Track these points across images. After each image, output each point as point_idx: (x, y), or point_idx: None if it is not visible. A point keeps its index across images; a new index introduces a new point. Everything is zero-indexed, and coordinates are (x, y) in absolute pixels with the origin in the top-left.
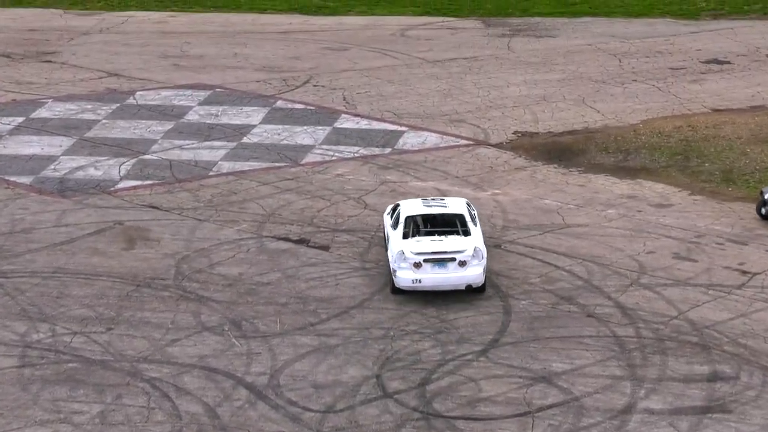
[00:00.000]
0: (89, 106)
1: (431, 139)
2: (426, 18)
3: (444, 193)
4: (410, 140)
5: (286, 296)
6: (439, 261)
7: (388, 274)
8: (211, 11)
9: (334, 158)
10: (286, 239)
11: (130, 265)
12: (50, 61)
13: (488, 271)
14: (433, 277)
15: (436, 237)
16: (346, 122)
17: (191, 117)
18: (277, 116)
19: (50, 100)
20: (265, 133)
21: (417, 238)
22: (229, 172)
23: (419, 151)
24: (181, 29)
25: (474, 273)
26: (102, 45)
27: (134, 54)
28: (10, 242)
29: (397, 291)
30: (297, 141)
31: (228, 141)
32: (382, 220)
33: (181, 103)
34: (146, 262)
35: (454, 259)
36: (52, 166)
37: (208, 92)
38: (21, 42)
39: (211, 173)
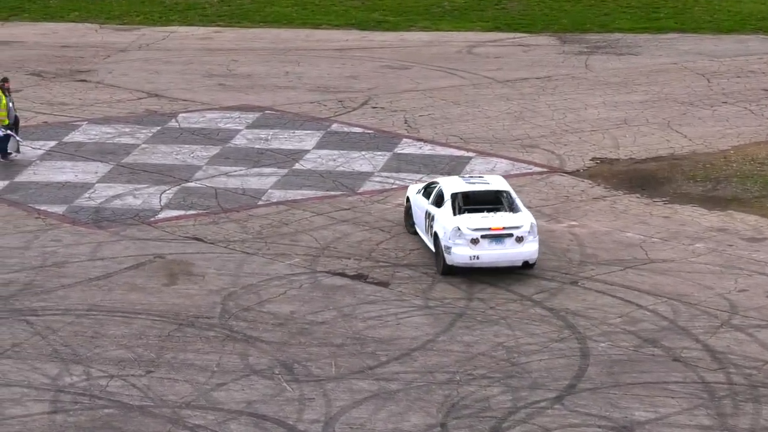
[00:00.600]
0: (127, 130)
1: (501, 165)
2: (495, 34)
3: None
4: (478, 167)
5: (342, 337)
6: (497, 237)
7: (429, 254)
8: (260, 26)
9: (394, 186)
10: (342, 275)
11: (171, 302)
12: (85, 80)
13: (564, 310)
14: (490, 254)
15: (487, 213)
16: (407, 147)
17: (238, 141)
18: (332, 141)
19: (85, 123)
20: (320, 159)
21: (467, 215)
22: (280, 202)
23: None
24: (228, 46)
25: (531, 249)
26: (141, 63)
27: (176, 73)
28: (41, 277)
29: (448, 271)
30: (354, 168)
31: (279, 167)
32: (407, 200)
33: (228, 126)
34: (189, 299)
35: (511, 235)
36: (87, 195)
37: (257, 114)
38: (53, 59)
39: (260, 202)
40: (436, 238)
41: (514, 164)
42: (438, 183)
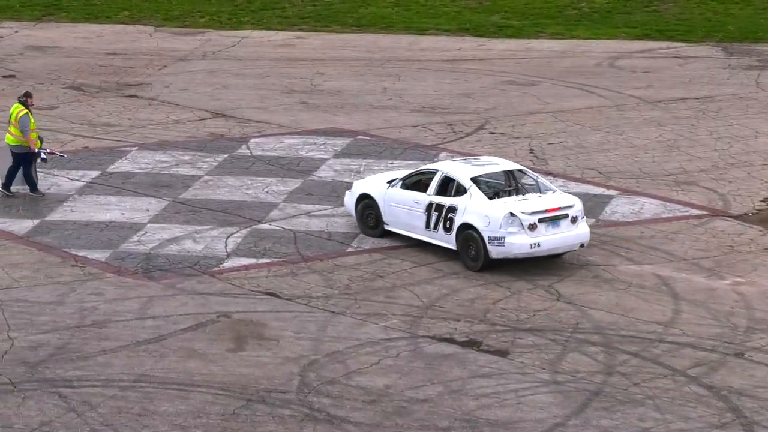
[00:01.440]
0: (187, 158)
1: (650, 206)
2: (644, 42)
3: (666, 281)
4: (621, 208)
5: (449, 418)
6: (554, 219)
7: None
8: (352, 31)
9: None
10: (450, 340)
11: (238, 372)
12: (135, 96)
13: (726, 389)
14: (549, 239)
15: (523, 195)
16: None
17: (324, 173)
18: None
19: (135, 149)
20: None
21: (505, 198)
22: (374, 249)
23: (633, 223)
24: (312, 55)
25: (585, 230)
26: (205, 75)
27: (248, 88)
28: (78, 339)
29: (486, 265)
30: None
31: None
32: (363, 197)
33: (311, 154)
34: (260, 368)
35: (566, 216)
36: (136, 238)
37: (347, 140)
38: (96, 70)
39: (349, 249)
40: (464, 231)
41: (666, 205)
42: (437, 170)
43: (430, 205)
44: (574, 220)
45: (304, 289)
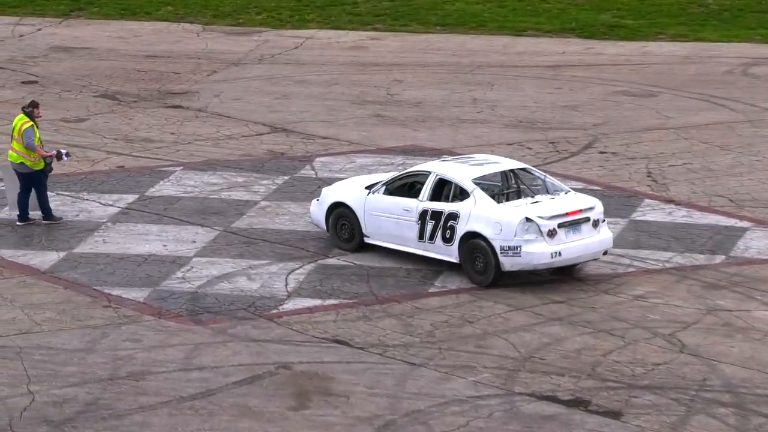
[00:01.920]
0: (240, 179)
1: None
2: None
3: None
4: (757, 243)
5: None
6: (575, 224)
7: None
8: (435, 31)
9: (630, 270)
10: (552, 399)
11: None
12: (180, 107)
13: None
14: (571, 246)
15: (531, 197)
16: (651, 212)
17: None
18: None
19: (179, 169)
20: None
21: (514, 202)
22: (462, 288)
23: None
24: (389, 59)
25: (607, 234)
26: (262, 82)
27: (313, 98)
28: (110, 394)
29: (498, 278)
30: None
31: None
32: (335, 205)
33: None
34: (327, 430)
35: (588, 219)
36: (180, 274)
37: (431, 159)
38: (134, 75)
39: (432, 288)
40: (469, 240)
41: None
42: (429, 172)
43: (423, 213)
44: (596, 223)
45: (379, 336)
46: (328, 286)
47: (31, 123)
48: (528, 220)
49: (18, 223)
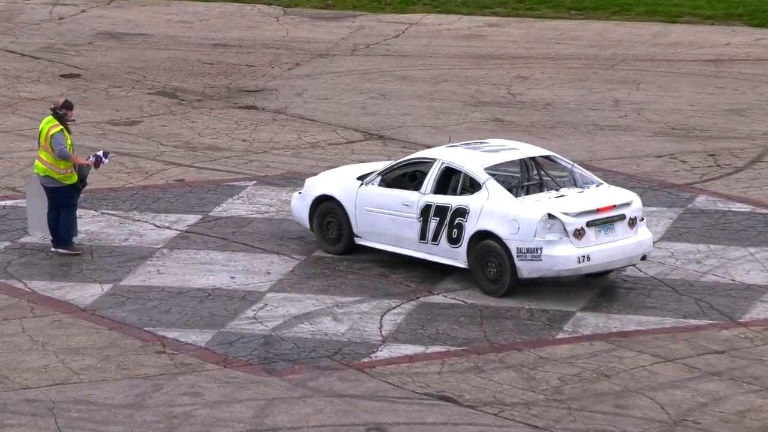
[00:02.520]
0: None
1: None
2: None
3: None
4: None
5: None
6: (607, 222)
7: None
8: (570, 16)
9: None
10: None
11: None
12: (254, 108)
13: None
14: (603, 249)
15: (556, 190)
16: None
17: None
18: (694, 225)
19: (251, 183)
20: (670, 259)
21: (535, 195)
22: (597, 334)
23: None
24: (511, 50)
25: (647, 236)
26: (356, 78)
27: (417, 97)
28: None
29: (514, 287)
30: (733, 275)
31: (595, 286)
32: (320, 199)
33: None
34: None
35: (623, 217)
36: (251, 312)
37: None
38: (198, 68)
39: (560, 334)
40: (480, 241)
41: None
42: (434, 159)
43: (426, 208)
44: (632, 222)
45: (494, 391)
46: (432, 330)
47: (61, 126)
48: (551, 217)
49: (55, 249)
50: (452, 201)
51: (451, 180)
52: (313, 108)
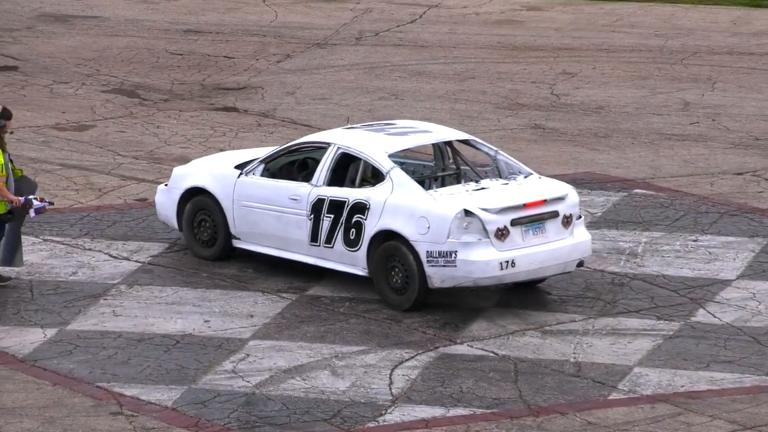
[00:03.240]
0: None
1: None
2: None
3: None
4: None
5: None
6: (536, 220)
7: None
8: None
9: None
10: None
11: None
12: (234, 109)
13: None
14: (531, 253)
15: (475, 182)
16: None
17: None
18: None
19: None
20: (752, 302)
21: (450, 188)
22: (658, 394)
23: None
24: (554, 40)
25: (584, 237)
26: (361, 73)
27: (438, 97)
28: None
29: (422, 299)
30: None
31: (656, 318)
32: (188, 192)
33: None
34: None
35: (555, 215)
36: (230, 365)
37: (615, 196)
38: (165, 60)
39: (613, 394)
40: (382, 243)
41: None
42: (329, 144)
43: (318, 203)
44: (567, 221)
45: None
46: (454, 388)
47: None
48: (467, 213)
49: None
50: (350, 194)
51: (348, 169)
52: (307, 110)
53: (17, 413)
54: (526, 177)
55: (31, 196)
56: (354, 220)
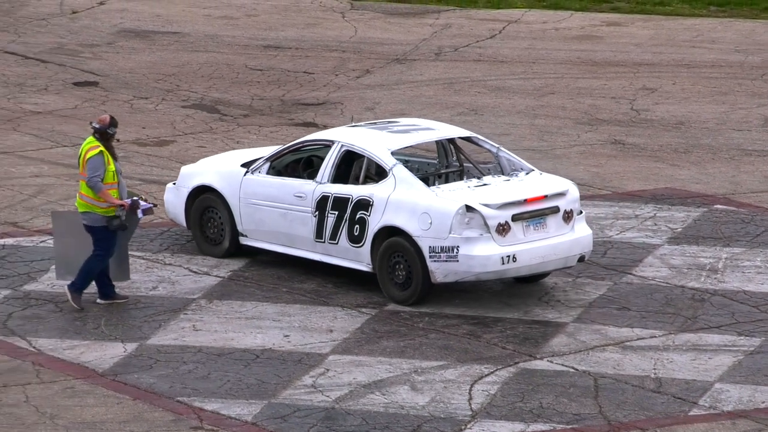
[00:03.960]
0: None
1: None
2: None
3: None
4: None
5: None
6: (537, 215)
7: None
8: (710, 13)
9: None
10: None
11: None
12: (314, 125)
13: None
14: (532, 248)
15: (478, 179)
16: None
17: (650, 271)
18: None
19: None
20: None
21: (452, 185)
22: (739, 411)
23: None
24: (634, 56)
25: (585, 232)
26: (440, 88)
27: (517, 113)
28: None
29: (426, 293)
30: None
31: (737, 334)
32: (196, 191)
33: (628, 235)
34: None
35: (556, 210)
36: (309, 379)
37: (695, 212)
38: (244, 76)
39: (694, 409)
40: (386, 239)
41: None
42: (333, 142)
43: (323, 200)
44: (568, 216)
45: None
46: (534, 403)
47: (101, 148)
48: (469, 209)
49: (99, 301)
50: (353, 191)
51: (352, 166)
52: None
53: (98, 428)
54: (527, 173)
55: (135, 197)
56: (358, 216)
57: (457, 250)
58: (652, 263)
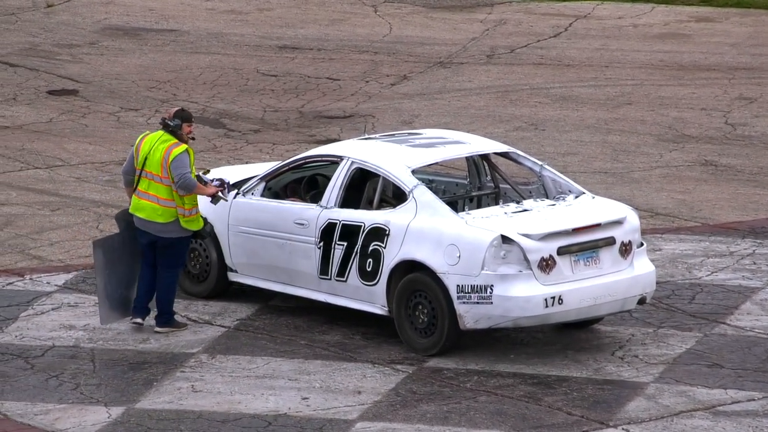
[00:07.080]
0: None
1: None
2: None
3: None
4: None
5: None
6: (589, 248)
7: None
8: None
9: None
10: None
11: None
12: (335, 141)
13: None
14: (582, 288)
15: (517, 203)
16: None
17: (749, 322)
18: None
19: None
20: None
21: (485, 210)
22: None
23: None
24: (728, 58)
25: (647, 268)
26: (492, 97)
27: (586, 128)
28: None
29: (452, 341)
30: None
31: None
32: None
33: (720, 276)
34: None
35: (612, 241)
36: None
37: None
38: (255, 83)
39: None
40: (404, 275)
41: None
42: (341, 157)
43: (329, 228)
44: (626, 249)
45: None
46: None
47: (186, 146)
48: (505, 240)
49: (135, 320)
50: (366, 218)
51: (365, 188)
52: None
53: None
54: (576, 197)
55: (217, 179)
56: (371, 248)
57: (491, 289)
58: (751, 310)
